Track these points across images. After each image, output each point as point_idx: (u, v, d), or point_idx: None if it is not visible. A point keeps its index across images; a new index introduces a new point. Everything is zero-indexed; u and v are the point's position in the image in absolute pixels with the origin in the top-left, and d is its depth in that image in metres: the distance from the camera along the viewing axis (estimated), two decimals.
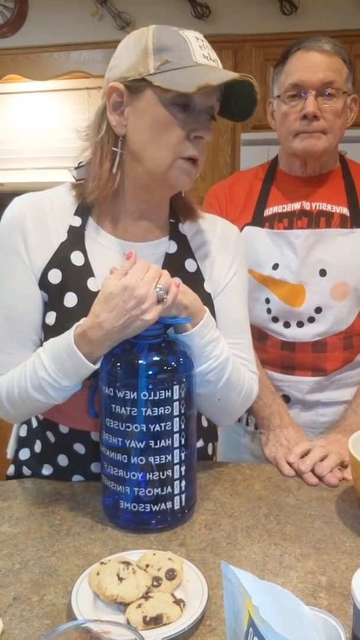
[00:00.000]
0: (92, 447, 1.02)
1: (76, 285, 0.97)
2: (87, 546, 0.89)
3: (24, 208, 0.99)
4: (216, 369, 0.96)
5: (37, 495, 1.03)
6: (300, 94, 1.22)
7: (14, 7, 2.72)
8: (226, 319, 1.05)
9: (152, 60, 0.88)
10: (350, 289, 1.28)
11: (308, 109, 1.20)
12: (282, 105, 1.25)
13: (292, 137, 1.25)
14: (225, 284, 1.06)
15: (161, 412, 0.88)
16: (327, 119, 1.22)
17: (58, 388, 0.91)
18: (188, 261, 1.04)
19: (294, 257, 1.28)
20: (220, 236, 1.08)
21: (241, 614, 0.56)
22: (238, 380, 1.01)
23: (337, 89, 1.21)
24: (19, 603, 0.77)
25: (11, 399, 0.97)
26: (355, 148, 1.60)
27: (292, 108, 1.23)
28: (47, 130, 3.05)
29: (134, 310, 0.85)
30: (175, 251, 1.03)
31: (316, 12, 2.52)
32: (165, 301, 0.87)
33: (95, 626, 0.58)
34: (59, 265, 0.98)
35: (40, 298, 0.99)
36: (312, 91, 1.20)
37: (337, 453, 1.10)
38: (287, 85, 1.23)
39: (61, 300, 0.97)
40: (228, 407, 1.04)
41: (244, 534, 0.92)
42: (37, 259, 0.98)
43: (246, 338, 1.09)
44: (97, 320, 0.86)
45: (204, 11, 2.57)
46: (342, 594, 0.78)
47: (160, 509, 0.91)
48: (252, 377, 1.06)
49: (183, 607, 0.73)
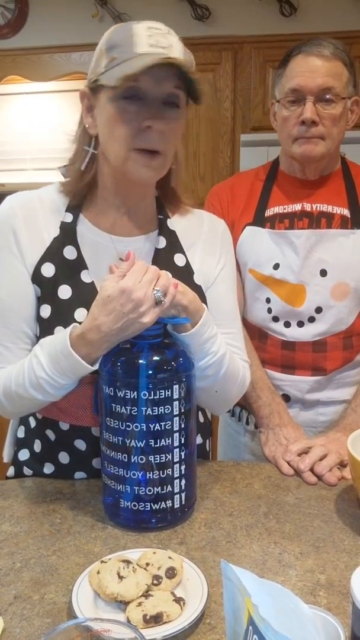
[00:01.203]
0: (93, 442, 1.03)
1: (70, 277, 0.99)
2: (88, 545, 0.89)
3: (14, 205, 1.01)
4: (214, 363, 0.97)
5: (37, 494, 1.03)
6: (300, 99, 1.22)
7: (14, 8, 2.73)
8: (218, 310, 1.07)
9: (104, 60, 0.90)
10: (351, 289, 1.29)
11: (306, 115, 1.20)
12: (282, 109, 1.26)
13: (291, 141, 1.26)
14: (215, 276, 1.09)
15: (161, 411, 0.88)
16: (326, 125, 1.22)
17: (57, 386, 0.92)
18: (177, 255, 1.06)
19: (295, 257, 1.29)
20: (207, 230, 1.11)
21: (241, 613, 0.56)
22: (234, 371, 1.03)
23: (336, 95, 1.21)
24: (20, 601, 0.77)
25: (8, 395, 0.97)
26: (356, 149, 1.60)
27: (292, 113, 1.24)
28: (47, 131, 3.06)
29: (131, 314, 0.86)
30: (164, 246, 1.05)
31: (315, 13, 2.53)
32: (163, 303, 0.87)
33: (95, 625, 0.58)
34: (51, 259, 0.99)
35: (33, 292, 1.00)
36: (310, 97, 1.20)
37: (337, 452, 1.11)
38: (287, 90, 1.23)
39: (55, 293, 0.98)
40: (225, 397, 1.07)
41: (243, 532, 0.92)
42: (30, 254, 0.99)
43: (237, 327, 1.12)
44: (95, 323, 0.87)
45: (204, 13, 2.58)
46: (341, 593, 0.78)
47: (160, 507, 0.91)
48: (245, 366, 1.09)
49: (183, 605, 0.73)
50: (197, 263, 1.07)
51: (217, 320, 1.03)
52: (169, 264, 1.03)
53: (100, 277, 0.93)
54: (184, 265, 1.06)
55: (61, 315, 0.96)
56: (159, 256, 1.04)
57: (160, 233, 1.06)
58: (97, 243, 1.02)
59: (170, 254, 1.05)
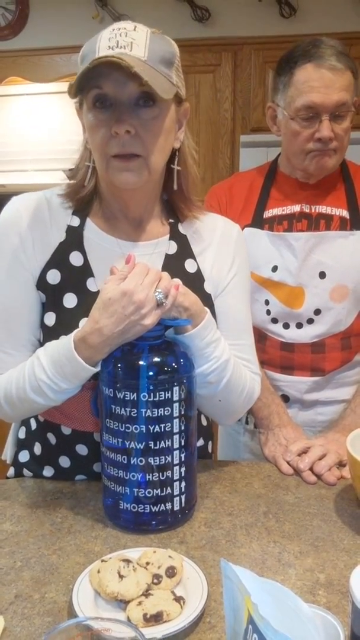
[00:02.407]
0: (94, 448, 1.02)
1: (75, 285, 0.97)
2: (88, 544, 0.90)
3: (21, 208, 0.99)
4: (216, 370, 0.95)
5: (38, 494, 1.04)
6: (314, 116, 1.20)
7: (15, 9, 2.73)
8: (227, 319, 1.04)
9: (79, 71, 0.88)
10: (350, 291, 1.29)
11: (324, 133, 1.19)
12: (292, 122, 1.23)
13: (304, 155, 1.25)
14: (226, 284, 1.06)
15: (161, 413, 0.88)
16: (339, 138, 1.22)
17: (57, 390, 0.91)
18: (188, 261, 1.04)
19: (294, 259, 1.29)
20: (220, 235, 1.08)
21: (240, 612, 0.56)
22: (239, 381, 1.00)
23: (348, 108, 1.21)
24: (21, 601, 0.78)
25: (9, 399, 0.97)
26: (356, 149, 1.60)
27: (305, 129, 1.22)
28: (48, 132, 3.06)
29: (133, 316, 0.85)
30: (175, 252, 1.03)
31: (315, 14, 2.53)
32: (164, 305, 0.87)
33: (95, 624, 0.59)
34: (57, 265, 0.98)
35: (38, 299, 0.99)
36: (326, 115, 1.19)
37: (336, 452, 1.11)
38: (299, 106, 1.20)
39: (60, 301, 0.97)
40: (229, 407, 1.04)
41: (243, 531, 0.92)
42: (35, 259, 0.98)
43: (248, 339, 1.08)
44: (97, 326, 0.86)
45: (203, 14, 2.58)
46: (340, 592, 0.78)
47: (160, 509, 0.91)
48: (254, 378, 1.06)
49: (183, 604, 0.74)
50: (208, 270, 1.04)
51: (227, 330, 1.02)
52: (179, 270, 1.01)
53: None
54: (195, 271, 1.03)
55: (65, 325, 0.95)
56: (170, 262, 1.02)
57: (171, 238, 1.04)
58: (104, 248, 1.00)
59: (181, 259, 1.03)
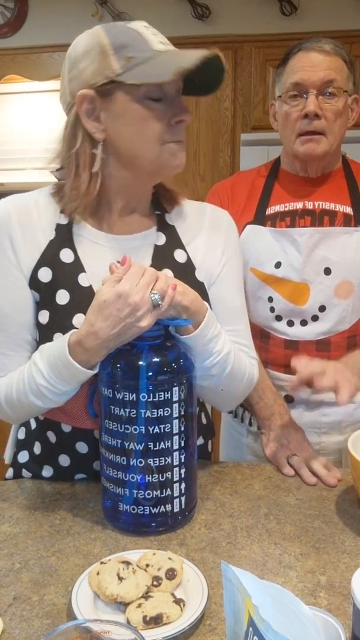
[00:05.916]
0: (94, 445, 1.02)
1: (67, 282, 0.97)
2: (87, 546, 0.89)
3: (9, 208, 0.99)
4: (219, 363, 0.96)
5: (37, 495, 1.03)
6: (302, 93, 1.22)
7: (14, 7, 2.72)
8: (222, 306, 1.05)
9: (114, 60, 0.88)
10: (355, 288, 1.28)
11: (309, 107, 1.20)
12: (283, 105, 1.26)
13: (294, 138, 1.26)
14: (219, 271, 1.06)
15: (161, 413, 0.88)
16: (328, 118, 1.22)
17: (57, 393, 0.91)
18: (177, 252, 1.04)
19: (298, 255, 1.28)
20: (209, 222, 1.08)
21: (241, 614, 0.56)
22: (240, 369, 1.02)
23: (338, 88, 1.21)
24: (19, 603, 0.77)
25: (10, 402, 0.97)
26: (356, 148, 1.60)
27: (293, 108, 1.23)
28: (47, 131, 3.04)
29: (128, 318, 0.85)
30: (164, 242, 1.03)
31: (316, 12, 2.52)
32: (160, 307, 0.86)
33: (95, 626, 0.58)
34: (48, 263, 0.98)
35: (31, 298, 0.99)
36: (313, 90, 1.20)
37: (349, 380, 1.06)
38: (288, 85, 1.23)
39: (53, 298, 0.97)
40: (230, 395, 1.06)
41: (243, 533, 0.92)
42: (26, 258, 0.97)
43: (243, 324, 1.10)
44: (92, 329, 0.86)
45: (204, 12, 2.57)
46: (341, 594, 0.78)
47: (160, 511, 0.91)
48: (252, 363, 1.07)
49: (183, 606, 0.73)
50: (199, 258, 1.05)
51: (222, 317, 1.02)
52: (169, 260, 1.02)
53: (99, 278, 0.92)
54: (185, 261, 1.03)
55: (59, 322, 0.95)
56: (159, 253, 1.02)
57: (159, 229, 1.04)
58: (93, 243, 1.00)
59: (170, 250, 1.03)
